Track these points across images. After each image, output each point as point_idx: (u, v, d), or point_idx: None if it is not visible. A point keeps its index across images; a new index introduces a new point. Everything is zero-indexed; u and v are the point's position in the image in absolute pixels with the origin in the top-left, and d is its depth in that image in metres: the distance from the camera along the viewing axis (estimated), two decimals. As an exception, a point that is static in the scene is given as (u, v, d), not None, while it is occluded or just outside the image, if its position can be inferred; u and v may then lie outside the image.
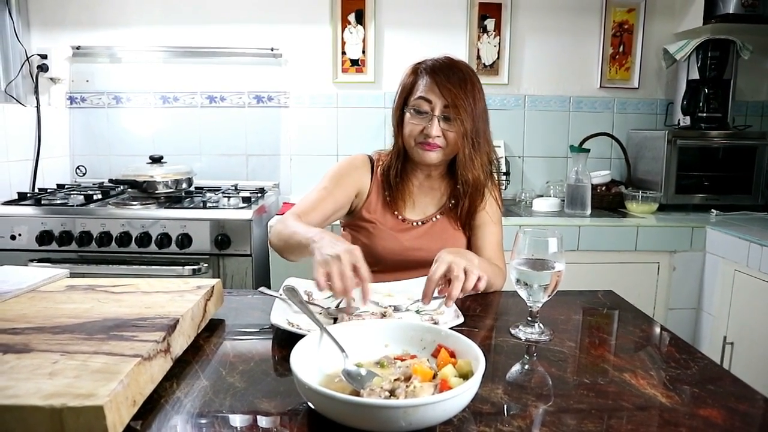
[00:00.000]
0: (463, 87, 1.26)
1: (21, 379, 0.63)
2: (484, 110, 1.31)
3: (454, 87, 1.25)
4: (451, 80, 1.26)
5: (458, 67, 1.29)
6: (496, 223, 1.41)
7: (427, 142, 1.28)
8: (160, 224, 1.93)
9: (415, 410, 0.61)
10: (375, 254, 1.34)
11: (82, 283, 1.03)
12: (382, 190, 1.40)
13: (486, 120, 1.33)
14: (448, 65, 1.29)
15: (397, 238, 1.35)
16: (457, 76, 1.27)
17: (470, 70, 1.32)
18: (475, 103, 1.27)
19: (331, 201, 1.35)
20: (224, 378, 0.79)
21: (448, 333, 0.80)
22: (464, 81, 1.27)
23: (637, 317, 1.10)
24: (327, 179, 1.39)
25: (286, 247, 1.23)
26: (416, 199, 1.40)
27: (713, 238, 2.05)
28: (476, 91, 1.29)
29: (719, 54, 2.37)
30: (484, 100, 1.31)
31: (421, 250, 1.34)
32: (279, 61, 2.53)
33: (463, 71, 1.29)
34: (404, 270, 1.33)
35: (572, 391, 0.78)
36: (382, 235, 1.35)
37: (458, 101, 1.25)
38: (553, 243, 0.94)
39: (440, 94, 1.26)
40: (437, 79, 1.27)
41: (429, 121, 1.27)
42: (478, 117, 1.29)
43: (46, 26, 2.48)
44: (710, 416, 0.71)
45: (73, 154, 2.59)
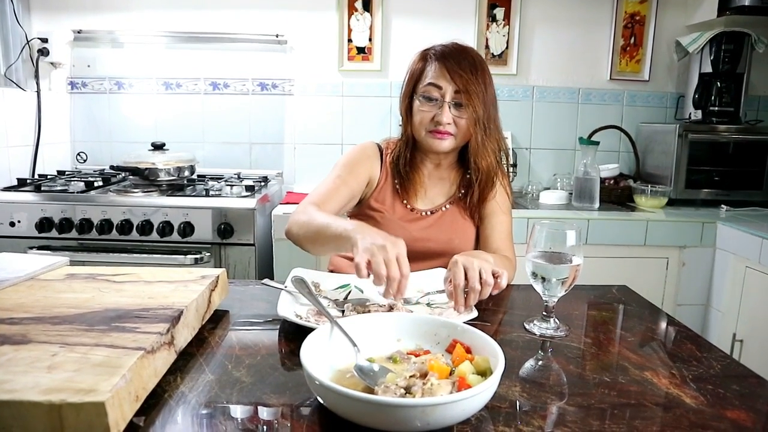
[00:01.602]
0: (474, 72, 1.23)
1: (18, 373, 0.60)
2: (494, 96, 1.29)
3: (465, 72, 1.22)
4: (461, 65, 1.23)
5: (468, 53, 1.27)
6: (506, 213, 1.38)
7: (438, 129, 1.25)
8: (161, 212, 1.90)
9: (434, 409, 0.58)
10: None
11: (83, 272, 0.99)
12: (391, 179, 1.37)
13: (496, 106, 1.30)
14: (457, 50, 1.27)
15: (406, 228, 1.32)
16: (468, 62, 1.24)
17: (479, 56, 1.29)
18: (486, 89, 1.25)
19: (346, 190, 1.32)
20: (230, 372, 0.76)
21: (464, 328, 0.77)
22: (474, 66, 1.24)
23: (653, 313, 1.08)
24: (339, 168, 1.35)
25: (315, 238, 1.17)
26: (426, 188, 1.37)
27: (724, 234, 2.02)
28: (486, 77, 1.26)
29: (733, 47, 2.32)
30: (493, 87, 1.29)
31: (430, 241, 1.31)
32: (284, 48, 2.48)
33: (473, 56, 1.26)
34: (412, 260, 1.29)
35: (592, 390, 0.75)
36: (391, 225, 1.32)
37: (470, 86, 1.22)
38: (572, 236, 0.90)
39: (451, 80, 1.22)
40: (447, 64, 1.23)
41: (440, 107, 1.24)
42: (489, 103, 1.26)
43: (47, 9, 2.44)
44: (738, 419, 0.68)
45: (74, 140, 2.55)
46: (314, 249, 1.21)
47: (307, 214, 1.19)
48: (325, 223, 1.12)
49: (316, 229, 1.14)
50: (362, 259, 0.92)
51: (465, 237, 1.35)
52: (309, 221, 1.17)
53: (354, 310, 0.96)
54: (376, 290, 1.09)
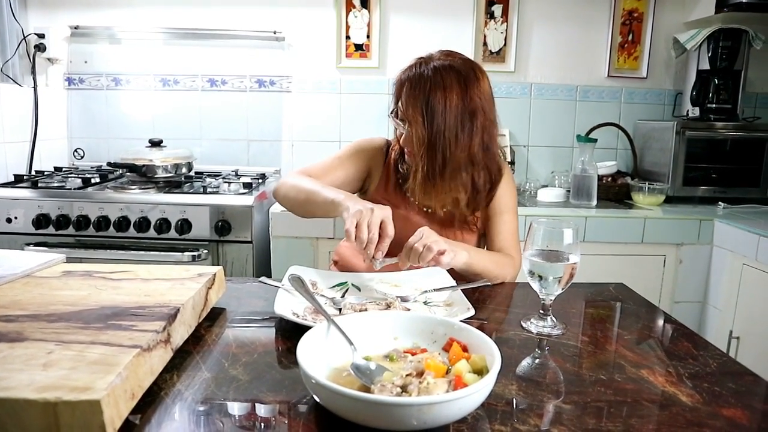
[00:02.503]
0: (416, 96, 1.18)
1: (14, 370, 0.60)
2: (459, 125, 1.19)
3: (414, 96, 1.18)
4: (414, 88, 1.19)
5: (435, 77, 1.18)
6: (510, 212, 1.37)
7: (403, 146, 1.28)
8: (159, 209, 1.90)
9: (430, 408, 0.58)
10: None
11: (79, 269, 0.99)
12: (394, 173, 1.38)
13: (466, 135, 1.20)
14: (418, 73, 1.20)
15: (410, 219, 1.33)
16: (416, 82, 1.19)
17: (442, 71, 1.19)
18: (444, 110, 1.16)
19: (342, 170, 1.36)
20: (227, 370, 0.76)
21: (460, 326, 0.77)
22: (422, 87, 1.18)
23: (650, 311, 1.08)
24: (342, 150, 1.41)
25: (305, 201, 1.21)
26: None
27: (721, 231, 2.02)
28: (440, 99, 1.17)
29: (731, 44, 2.32)
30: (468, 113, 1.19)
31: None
32: (282, 45, 2.48)
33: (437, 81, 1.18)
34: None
35: (588, 388, 0.75)
36: (396, 216, 1.32)
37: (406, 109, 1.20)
38: (569, 234, 0.90)
39: (403, 103, 1.21)
40: (406, 87, 1.21)
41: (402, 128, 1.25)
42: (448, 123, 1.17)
43: (44, 5, 2.43)
44: (734, 416, 0.68)
45: (71, 136, 2.54)
46: (302, 211, 1.25)
47: (298, 179, 1.24)
48: (315, 189, 1.18)
49: (307, 193, 1.20)
50: (351, 224, 1.02)
51: (470, 237, 1.36)
52: (299, 184, 1.23)
53: (351, 308, 0.96)
54: (374, 288, 1.09)
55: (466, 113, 1.19)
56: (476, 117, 1.20)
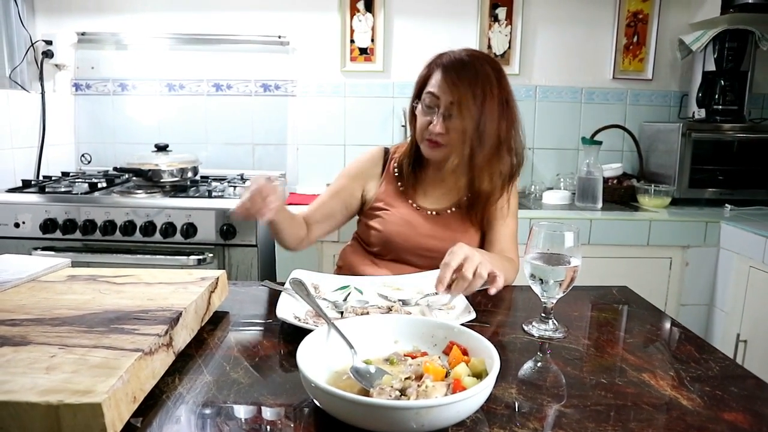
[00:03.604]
0: (473, 85, 1.20)
1: (17, 374, 0.60)
2: (499, 110, 1.23)
3: (462, 84, 1.20)
4: (461, 77, 1.21)
5: (474, 64, 1.23)
6: (511, 216, 1.38)
7: (431, 138, 1.26)
8: (165, 213, 1.91)
9: (428, 411, 0.58)
10: (388, 240, 1.34)
11: (84, 273, 1.00)
12: (394, 180, 1.39)
13: (505, 120, 1.25)
14: (462, 61, 1.24)
15: (410, 223, 1.34)
16: (469, 73, 1.21)
17: (489, 67, 1.23)
18: (484, 103, 1.20)
19: (336, 200, 1.41)
20: (228, 373, 0.77)
21: (460, 329, 0.77)
22: (476, 79, 1.21)
23: (653, 314, 1.07)
24: (337, 178, 1.44)
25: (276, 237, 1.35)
26: (428, 189, 1.39)
27: (728, 234, 2.00)
28: (488, 89, 1.21)
29: (737, 45, 2.31)
30: (503, 100, 1.24)
31: (434, 238, 1.32)
32: (286, 49, 2.49)
33: (477, 68, 1.22)
34: (417, 256, 1.33)
35: (589, 392, 0.75)
36: (395, 221, 1.34)
37: (463, 99, 1.20)
38: (570, 237, 0.90)
39: (447, 90, 1.22)
40: (447, 74, 1.23)
41: (435, 116, 1.24)
42: (488, 117, 1.21)
43: (52, 12, 2.45)
44: (736, 420, 0.68)
45: (77, 141, 2.56)
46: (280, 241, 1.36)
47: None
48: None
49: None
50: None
51: (472, 240, 1.35)
52: None
53: (353, 312, 0.96)
54: (375, 291, 1.09)
55: (503, 100, 1.24)
56: (509, 104, 1.26)
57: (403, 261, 1.34)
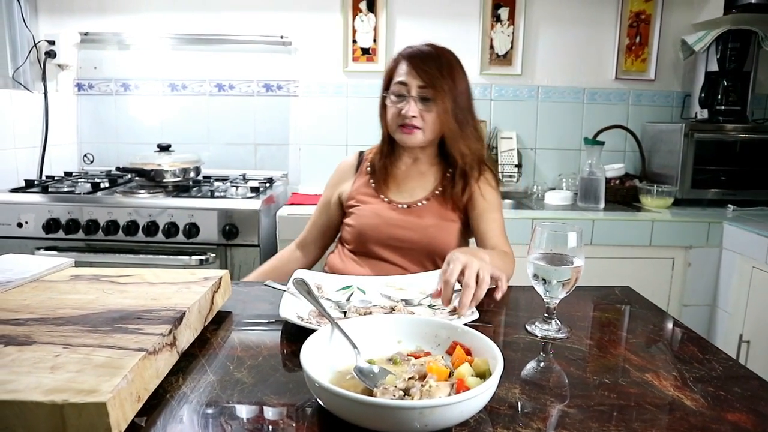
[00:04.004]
0: (440, 68, 1.30)
1: (22, 373, 0.61)
2: (466, 91, 1.35)
3: (430, 68, 1.29)
4: (426, 62, 1.30)
5: (436, 52, 1.33)
6: (497, 210, 1.40)
7: (405, 123, 1.31)
8: (167, 213, 1.91)
9: (432, 411, 0.58)
10: (361, 234, 1.36)
11: (87, 273, 1.00)
12: (367, 179, 1.44)
13: (470, 101, 1.37)
14: (424, 50, 1.33)
15: (380, 215, 1.36)
16: (433, 59, 1.31)
17: (450, 55, 1.35)
18: (455, 83, 1.31)
19: (322, 214, 1.50)
20: (232, 373, 0.77)
21: (464, 329, 0.77)
22: (440, 63, 1.31)
23: (656, 315, 1.07)
24: (321, 196, 1.53)
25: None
26: (402, 183, 1.42)
27: (730, 234, 2.00)
28: (455, 72, 1.32)
29: (739, 45, 2.31)
30: (466, 83, 1.35)
31: (404, 228, 1.34)
32: (289, 50, 2.49)
33: (439, 53, 1.33)
34: (390, 248, 1.35)
35: (592, 392, 0.75)
36: (366, 214, 1.38)
37: (435, 81, 1.28)
38: (573, 237, 0.90)
39: (416, 75, 1.29)
40: (413, 62, 1.31)
41: (406, 102, 1.30)
42: (461, 96, 1.32)
43: (54, 12, 2.46)
44: (739, 421, 0.67)
45: (80, 141, 2.57)
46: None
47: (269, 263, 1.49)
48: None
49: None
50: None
51: (445, 231, 1.36)
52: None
53: (356, 312, 0.97)
54: (378, 292, 1.09)
55: (466, 87, 1.36)
56: (470, 92, 1.37)
57: (379, 256, 1.35)
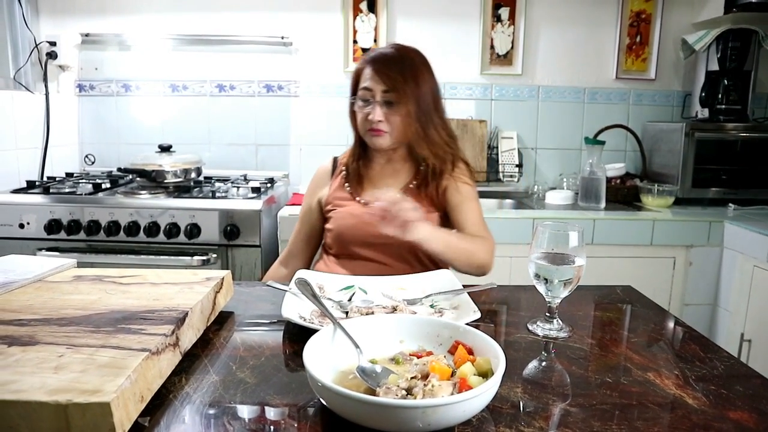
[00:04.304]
0: (402, 71, 1.31)
1: (26, 373, 0.61)
2: (431, 92, 1.36)
3: (392, 72, 1.30)
4: (389, 66, 1.31)
5: (399, 54, 1.34)
6: (472, 199, 1.41)
7: (373, 127, 1.33)
8: (168, 214, 1.92)
9: (435, 410, 0.58)
10: (340, 236, 1.38)
11: (90, 274, 1.01)
12: (342, 181, 1.45)
13: (437, 100, 1.37)
14: (388, 54, 1.34)
15: (356, 216, 1.37)
16: (396, 63, 1.32)
17: (415, 55, 1.36)
18: (418, 85, 1.32)
19: (304, 223, 1.52)
20: (234, 373, 0.77)
21: (466, 329, 0.78)
22: (403, 66, 1.32)
23: (658, 314, 1.07)
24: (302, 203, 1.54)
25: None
26: (377, 182, 1.43)
27: (731, 233, 2.00)
28: (419, 75, 1.33)
29: (740, 44, 2.31)
30: (432, 83, 1.36)
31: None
32: (289, 50, 2.50)
33: (402, 55, 1.34)
34: (369, 246, 1.35)
35: (594, 391, 0.75)
36: (343, 216, 1.39)
37: (397, 84, 1.30)
38: (574, 237, 0.90)
39: (379, 80, 1.31)
40: (376, 66, 1.32)
41: (372, 107, 1.32)
42: (423, 98, 1.33)
43: (55, 13, 2.46)
44: (741, 419, 0.68)
45: (81, 142, 2.57)
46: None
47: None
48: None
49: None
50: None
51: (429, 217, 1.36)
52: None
53: (358, 312, 0.97)
54: (380, 291, 1.10)
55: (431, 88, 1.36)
56: (436, 92, 1.38)
57: (361, 256, 1.36)
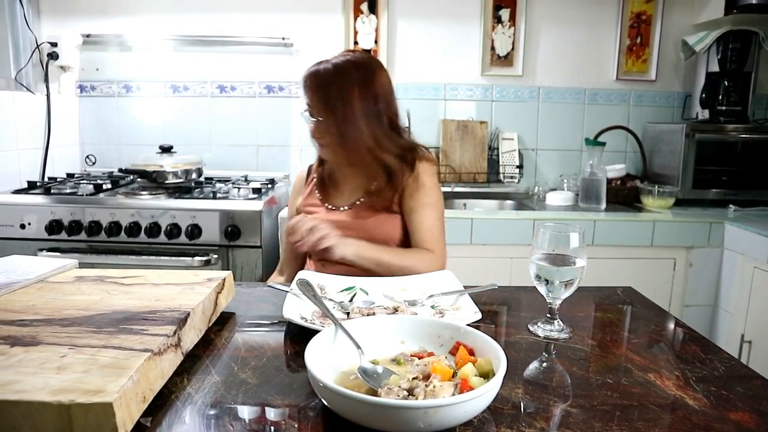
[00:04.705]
0: (327, 91, 1.30)
1: (28, 374, 0.61)
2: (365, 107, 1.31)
3: (318, 92, 1.32)
4: (315, 85, 1.32)
5: (333, 70, 1.32)
6: (430, 206, 1.39)
7: (314, 138, 1.38)
8: (169, 214, 1.92)
9: (436, 411, 0.58)
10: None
11: (91, 274, 1.01)
12: (314, 189, 1.49)
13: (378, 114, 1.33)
14: (317, 71, 1.33)
15: (326, 221, 1.36)
16: (323, 80, 1.31)
17: (351, 69, 1.32)
18: (346, 103, 1.30)
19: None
20: (236, 373, 0.77)
21: (467, 330, 0.78)
22: (329, 84, 1.31)
23: (658, 315, 1.07)
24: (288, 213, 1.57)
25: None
26: (343, 186, 1.46)
27: (732, 234, 2.01)
28: (349, 92, 1.30)
29: (740, 46, 2.31)
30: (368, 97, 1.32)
31: (349, 229, 1.35)
32: (290, 51, 2.50)
33: (335, 73, 1.31)
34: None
35: (595, 392, 0.75)
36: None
37: (321, 104, 1.31)
38: (575, 238, 0.91)
39: (309, 98, 1.34)
40: (306, 84, 1.34)
41: (311, 123, 1.36)
42: (355, 114, 1.30)
43: (57, 14, 2.47)
44: (742, 420, 0.68)
45: (82, 143, 2.58)
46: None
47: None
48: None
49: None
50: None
51: (385, 224, 1.38)
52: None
53: (359, 312, 0.97)
54: (381, 292, 1.10)
55: (367, 102, 1.32)
56: (378, 104, 1.33)
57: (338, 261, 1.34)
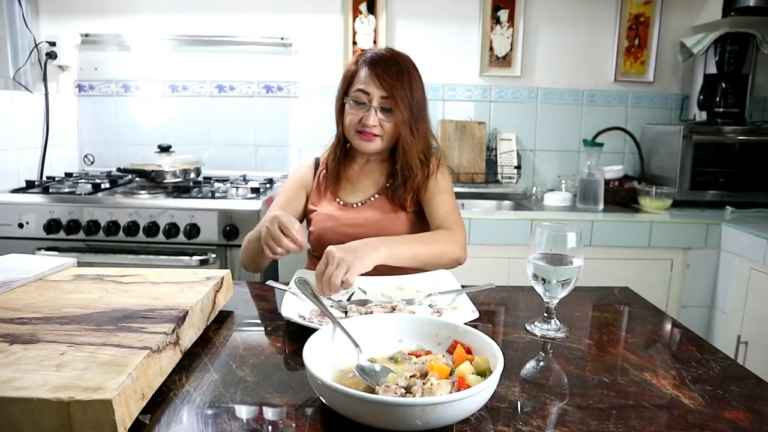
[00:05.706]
0: (401, 78, 1.30)
1: (28, 371, 0.61)
2: (422, 99, 1.36)
3: (391, 78, 1.29)
4: (388, 72, 1.30)
5: (396, 60, 1.33)
6: (447, 192, 1.40)
7: (365, 131, 1.32)
8: (168, 214, 1.92)
9: (433, 408, 0.59)
10: (320, 238, 1.38)
11: (90, 273, 1.01)
12: (324, 182, 1.46)
13: (424, 107, 1.38)
14: (386, 57, 1.33)
15: (336, 218, 1.38)
16: (395, 68, 1.31)
17: (409, 62, 1.35)
18: (413, 94, 1.32)
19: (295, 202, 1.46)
20: (234, 371, 0.78)
21: (464, 329, 0.78)
22: (401, 72, 1.31)
23: (655, 315, 1.08)
24: (279, 194, 1.49)
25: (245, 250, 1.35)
26: (356, 182, 1.44)
27: (729, 236, 2.01)
28: (413, 82, 1.33)
29: (738, 48, 2.32)
30: (422, 90, 1.36)
31: (360, 226, 1.35)
32: (289, 51, 2.50)
33: (401, 63, 1.33)
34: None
35: (591, 390, 0.75)
36: (322, 218, 1.39)
37: (396, 92, 1.29)
38: (572, 238, 0.91)
39: (378, 86, 1.30)
40: (375, 70, 1.30)
41: (367, 111, 1.31)
42: (417, 105, 1.33)
43: (55, 13, 2.47)
44: (736, 419, 0.68)
45: (81, 142, 2.58)
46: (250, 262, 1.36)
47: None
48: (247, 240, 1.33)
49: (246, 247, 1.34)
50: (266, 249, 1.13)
51: (396, 223, 1.38)
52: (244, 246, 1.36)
53: (357, 311, 0.97)
54: (379, 291, 1.10)
55: (424, 91, 1.37)
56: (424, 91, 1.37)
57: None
